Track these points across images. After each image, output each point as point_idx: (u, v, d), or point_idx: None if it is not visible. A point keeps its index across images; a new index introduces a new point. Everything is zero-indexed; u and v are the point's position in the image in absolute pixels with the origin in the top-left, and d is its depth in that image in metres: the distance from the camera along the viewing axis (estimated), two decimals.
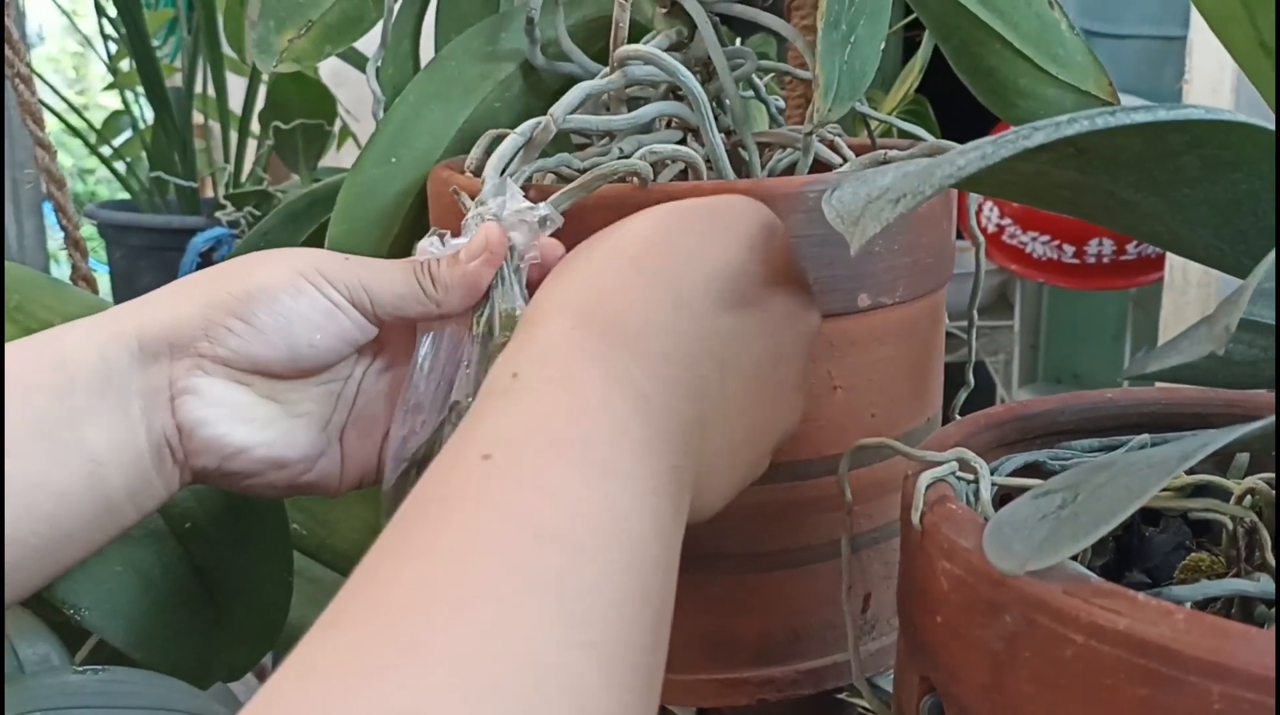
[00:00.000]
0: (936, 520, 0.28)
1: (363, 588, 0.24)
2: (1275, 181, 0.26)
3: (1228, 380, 0.28)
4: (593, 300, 0.31)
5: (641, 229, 0.34)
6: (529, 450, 0.26)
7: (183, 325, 0.35)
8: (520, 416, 0.27)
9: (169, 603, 0.47)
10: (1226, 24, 0.29)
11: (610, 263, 0.33)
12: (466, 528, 0.24)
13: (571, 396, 0.28)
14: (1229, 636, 0.22)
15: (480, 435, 0.27)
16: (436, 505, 0.26)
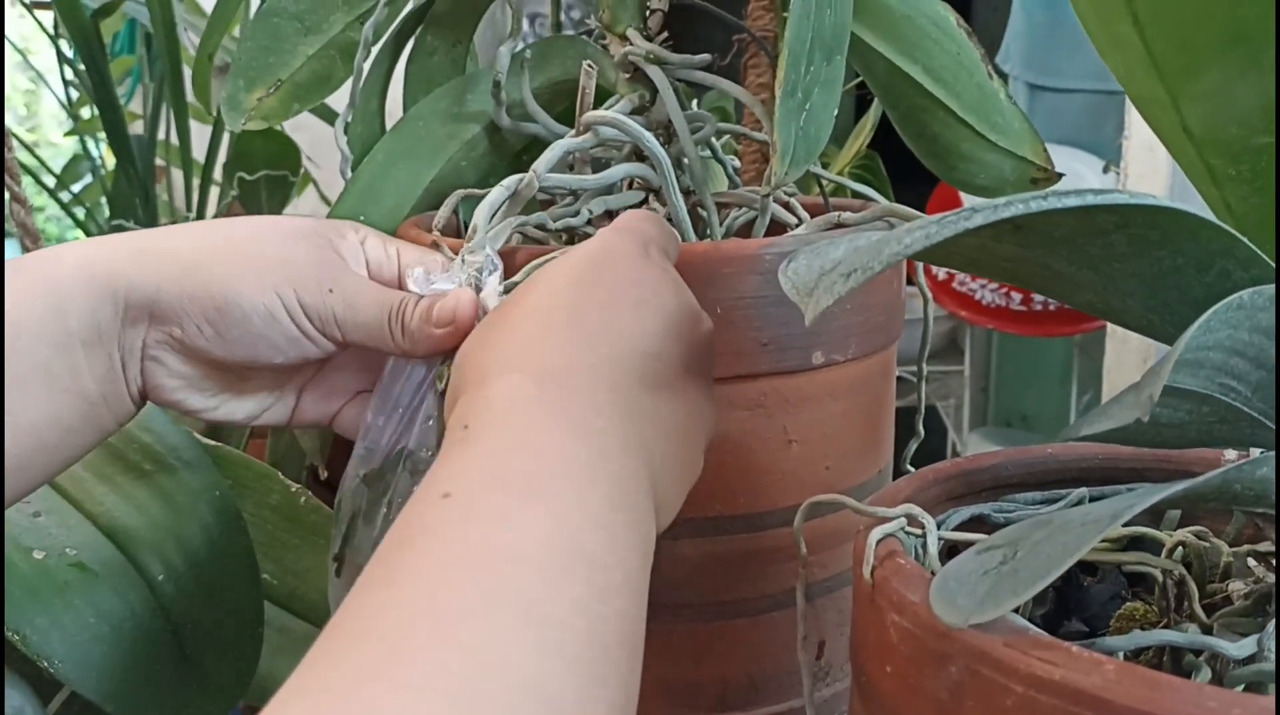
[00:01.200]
0: (886, 575, 0.30)
1: (350, 617, 0.25)
2: (1197, 259, 0.28)
3: (1156, 441, 0.30)
4: (527, 351, 0.34)
5: (562, 287, 0.36)
6: (478, 486, 0.29)
7: (163, 305, 0.39)
8: (472, 458, 0.30)
9: (140, 654, 0.47)
10: (1152, 108, 0.31)
11: (536, 318, 0.35)
12: (436, 556, 0.26)
13: (513, 436, 0.30)
14: (1157, 687, 0.23)
15: (439, 478, 0.29)
16: (407, 542, 0.27)
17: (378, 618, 0.25)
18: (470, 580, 0.25)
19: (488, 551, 0.26)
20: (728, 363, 0.43)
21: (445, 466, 0.30)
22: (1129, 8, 0.29)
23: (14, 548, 0.47)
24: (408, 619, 0.24)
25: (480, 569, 0.26)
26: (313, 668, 0.24)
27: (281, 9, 0.51)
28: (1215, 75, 0.28)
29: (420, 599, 0.25)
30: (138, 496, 0.51)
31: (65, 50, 1.13)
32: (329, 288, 0.40)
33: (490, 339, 0.35)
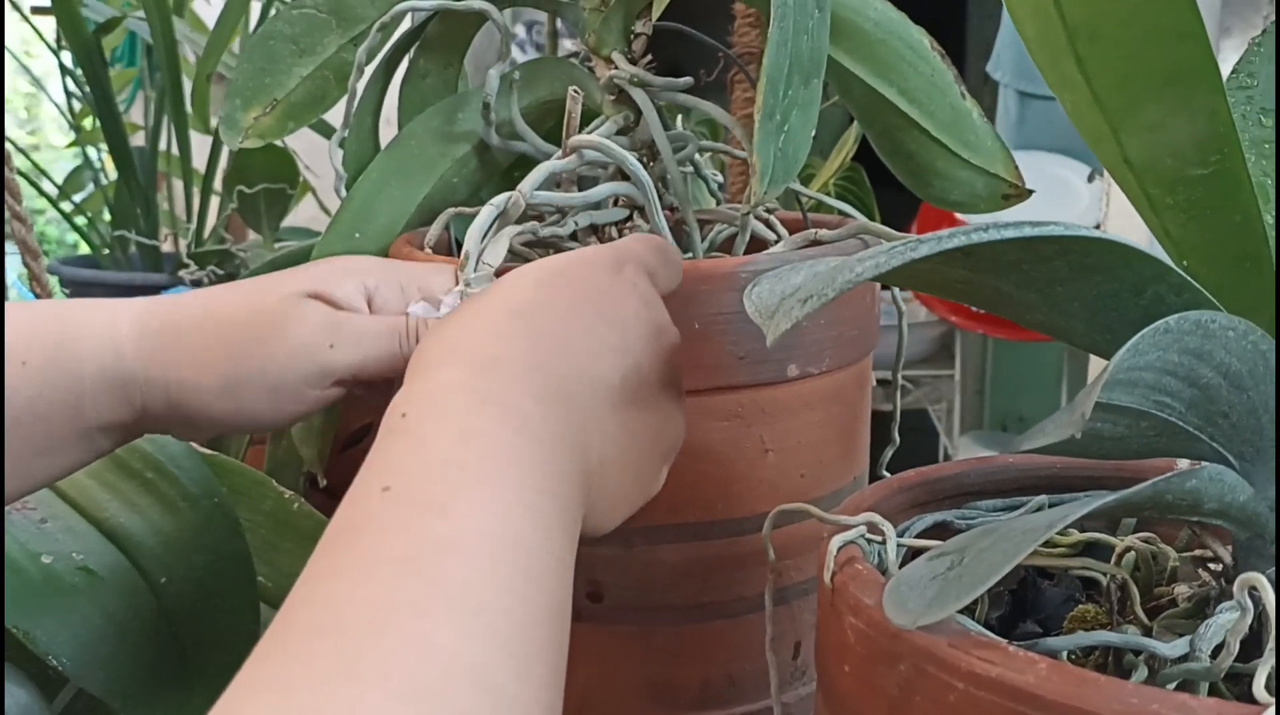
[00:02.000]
0: (845, 579, 0.31)
1: (293, 613, 0.27)
2: (1132, 284, 0.30)
3: (1101, 452, 0.32)
4: (473, 343, 0.35)
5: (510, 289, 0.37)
6: (420, 477, 0.30)
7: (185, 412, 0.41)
8: (409, 449, 0.31)
9: (143, 653, 0.49)
10: (1097, 140, 0.33)
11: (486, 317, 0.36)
12: (378, 549, 0.27)
13: (449, 424, 0.31)
14: (1084, 684, 0.25)
15: (378, 470, 0.30)
16: (348, 534, 0.28)
17: (326, 613, 0.26)
18: (412, 573, 0.27)
19: (426, 544, 0.27)
20: (706, 375, 0.45)
21: (384, 456, 0.31)
22: (1073, 49, 0.31)
23: (23, 553, 0.49)
24: (355, 614, 0.25)
25: (420, 562, 0.27)
26: (265, 662, 0.25)
27: (277, 32, 0.53)
28: (1151, 113, 0.30)
29: (366, 593, 0.26)
30: (140, 503, 0.53)
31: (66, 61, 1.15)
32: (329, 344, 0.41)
33: (440, 333, 0.36)
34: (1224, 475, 0.30)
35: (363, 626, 0.25)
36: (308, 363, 0.40)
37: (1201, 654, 0.30)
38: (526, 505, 0.30)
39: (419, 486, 0.29)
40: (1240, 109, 0.39)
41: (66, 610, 0.48)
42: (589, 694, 0.48)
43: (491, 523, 0.29)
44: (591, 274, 0.38)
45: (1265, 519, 0.31)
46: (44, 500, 0.52)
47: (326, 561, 0.28)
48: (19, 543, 0.49)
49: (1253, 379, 0.30)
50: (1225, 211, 0.31)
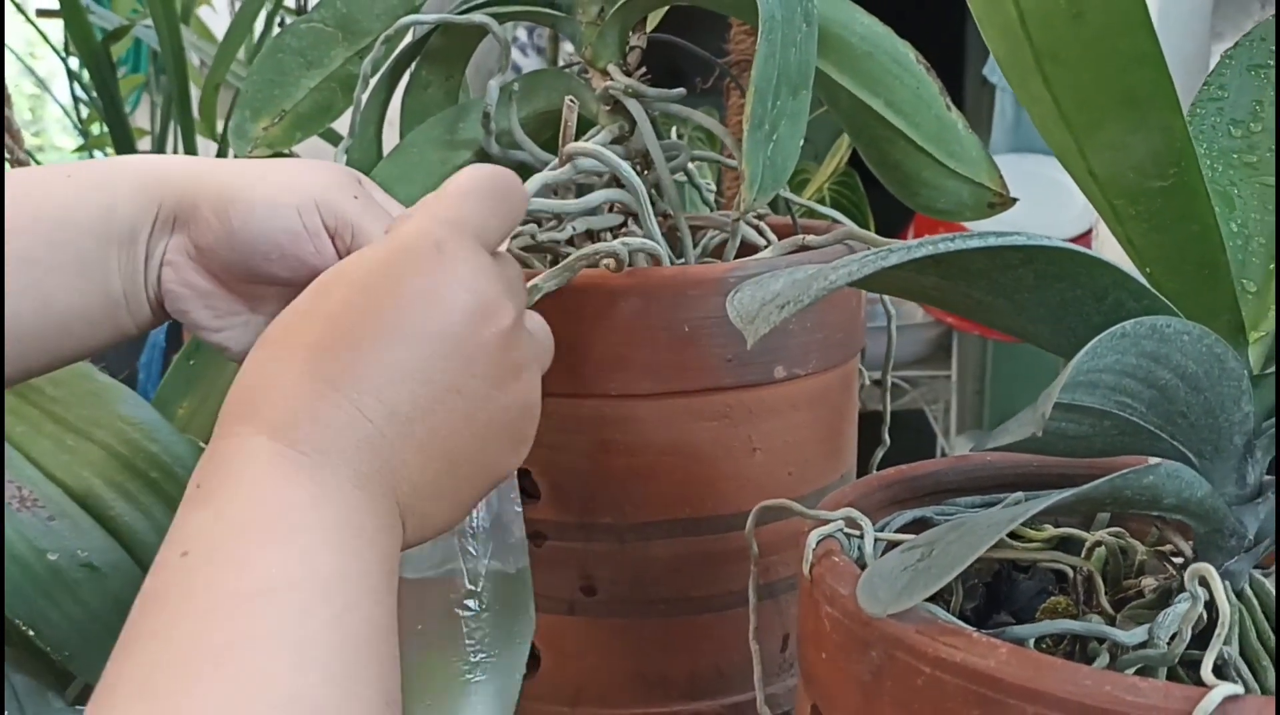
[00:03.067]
0: (822, 571, 0.33)
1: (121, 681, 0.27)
2: (1094, 291, 0.32)
3: (1069, 450, 0.34)
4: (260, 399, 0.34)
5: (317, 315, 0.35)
6: (218, 539, 0.30)
7: (186, 205, 0.41)
8: (205, 519, 0.31)
9: None
10: (1064, 155, 0.35)
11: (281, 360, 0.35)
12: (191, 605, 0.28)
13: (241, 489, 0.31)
14: (1041, 667, 0.27)
15: (176, 539, 0.30)
16: (153, 601, 0.29)
17: (149, 674, 0.27)
18: (225, 619, 0.28)
19: (235, 592, 0.28)
20: (696, 376, 0.47)
21: (181, 528, 0.31)
22: (1039, 69, 0.33)
23: (30, 550, 0.51)
24: (178, 667, 0.26)
25: (232, 608, 0.28)
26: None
27: (285, 45, 0.55)
28: (1113, 130, 0.32)
29: (185, 645, 0.27)
30: (144, 501, 0.55)
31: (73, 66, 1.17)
32: (353, 194, 0.41)
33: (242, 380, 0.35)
34: (1181, 472, 0.31)
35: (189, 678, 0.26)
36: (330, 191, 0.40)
37: (1159, 641, 0.31)
38: (333, 545, 0.31)
39: (218, 548, 0.30)
40: (1210, 119, 0.41)
41: (70, 605, 0.50)
42: (582, 684, 0.50)
43: (295, 566, 0.30)
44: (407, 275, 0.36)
45: (1223, 514, 0.33)
46: (52, 497, 0.54)
47: (136, 630, 0.29)
48: (27, 540, 0.51)
49: (1209, 381, 0.31)
50: (1184, 221, 0.33)
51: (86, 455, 0.54)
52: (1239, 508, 0.33)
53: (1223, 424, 0.33)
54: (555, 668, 0.50)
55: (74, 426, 0.55)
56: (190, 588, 0.29)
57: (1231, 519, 0.33)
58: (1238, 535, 0.33)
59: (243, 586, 0.29)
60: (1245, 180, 0.39)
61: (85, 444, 0.54)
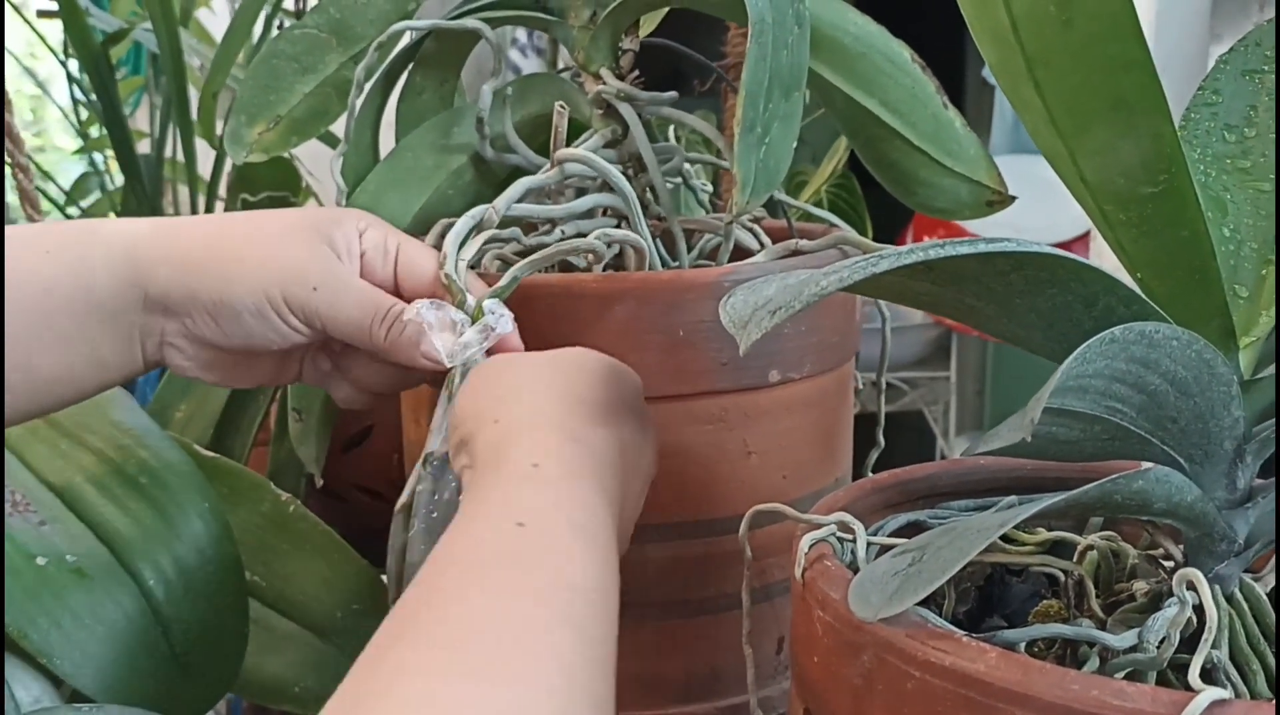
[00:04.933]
0: (814, 575, 0.33)
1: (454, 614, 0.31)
2: (1083, 296, 0.32)
3: (1058, 455, 0.34)
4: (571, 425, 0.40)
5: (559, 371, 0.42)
6: (551, 524, 0.35)
7: (173, 301, 0.44)
8: (542, 500, 0.36)
9: (133, 651, 0.51)
10: (1056, 160, 0.35)
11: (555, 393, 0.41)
12: (523, 580, 0.32)
13: (575, 491, 0.37)
14: (1029, 671, 0.27)
15: (513, 506, 0.35)
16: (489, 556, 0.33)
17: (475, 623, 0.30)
18: (548, 603, 0.32)
19: (560, 581, 0.33)
20: (691, 380, 0.47)
21: (518, 499, 0.36)
22: (1031, 75, 0.33)
23: (19, 554, 0.51)
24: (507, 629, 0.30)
25: (557, 595, 0.32)
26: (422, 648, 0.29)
27: (280, 51, 0.55)
28: (1102, 135, 0.32)
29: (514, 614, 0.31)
30: (134, 508, 0.54)
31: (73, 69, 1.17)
32: (313, 286, 0.44)
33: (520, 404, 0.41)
34: (1170, 476, 0.31)
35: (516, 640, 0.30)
36: (292, 287, 0.44)
37: (1149, 645, 0.31)
38: (613, 568, 0.36)
39: (552, 533, 0.35)
40: (1204, 124, 0.41)
41: (58, 610, 0.49)
42: None
43: (601, 576, 0.35)
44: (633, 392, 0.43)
45: (1212, 518, 0.33)
46: (43, 502, 0.54)
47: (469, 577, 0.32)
48: (17, 544, 0.51)
49: (1198, 386, 0.31)
50: (1174, 227, 0.33)
51: (79, 460, 0.54)
52: (1229, 512, 0.34)
53: (1212, 429, 0.33)
54: None
55: (68, 431, 0.55)
56: (525, 561, 0.33)
57: (1221, 523, 0.33)
58: (1227, 540, 0.33)
59: (565, 577, 0.33)
60: (1238, 185, 0.40)
61: (78, 449, 0.54)
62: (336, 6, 0.55)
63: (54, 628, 0.48)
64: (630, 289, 0.46)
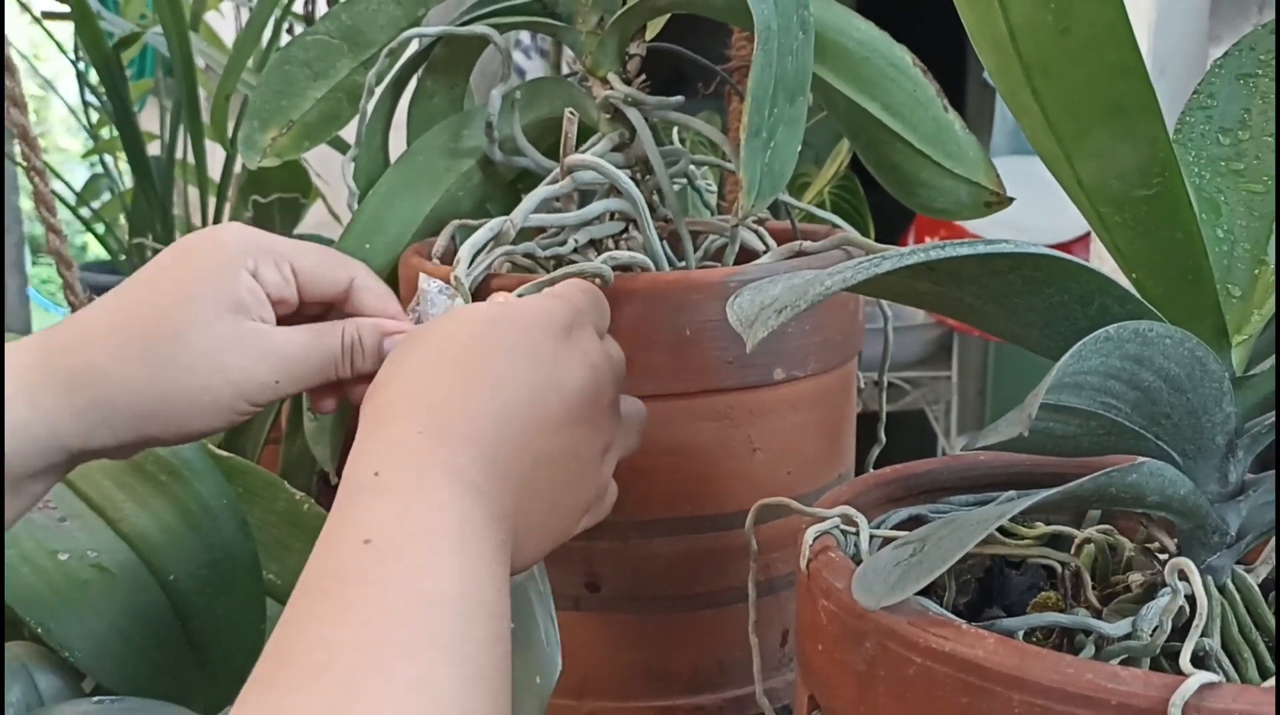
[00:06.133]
0: (819, 566, 0.34)
1: (288, 654, 0.29)
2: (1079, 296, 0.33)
3: (1055, 450, 0.35)
4: (432, 406, 0.37)
5: (460, 337, 0.39)
6: (400, 537, 0.32)
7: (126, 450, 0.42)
8: (387, 510, 0.33)
9: (152, 646, 0.52)
10: (1053, 163, 0.36)
11: (439, 369, 0.38)
12: (369, 598, 0.30)
13: (426, 493, 0.34)
14: (1025, 656, 0.28)
15: (357, 523, 0.32)
16: (333, 581, 0.31)
17: (326, 654, 0.28)
18: (406, 623, 0.29)
19: (416, 597, 0.30)
20: (697, 378, 0.48)
21: (361, 513, 0.33)
22: (1028, 82, 0.34)
23: (40, 550, 0.52)
24: (356, 656, 0.28)
25: (412, 613, 0.30)
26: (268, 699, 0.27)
27: (293, 57, 0.56)
28: (1099, 139, 0.33)
29: (364, 637, 0.29)
30: (153, 504, 0.55)
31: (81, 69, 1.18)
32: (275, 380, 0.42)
33: (394, 382, 0.38)
34: (1164, 470, 0.32)
35: (365, 667, 0.28)
36: (255, 397, 0.42)
37: (1142, 633, 0.32)
38: (488, 572, 0.33)
39: (401, 545, 0.32)
40: (1199, 127, 0.42)
41: (80, 606, 0.50)
42: (587, 679, 0.51)
43: (465, 585, 0.32)
44: (543, 338, 0.40)
45: (1205, 511, 0.34)
46: (64, 499, 0.55)
47: (315, 606, 0.30)
48: (38, 540, 0.52)
49: (1190, 382, 0.32)
50: (1168, 228, 0.34)
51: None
52: (1221, 505, 0.35)
53: (1205, 424, 0.34)
54: (561, 662, 0.51)
55: None
56: (372, 577, 0.30)
57: (1214, 516, 0.34)
58: (1220, 532, 0.34)
59: (421, 591, 0.30)
60: (1232, 188, 0.41)
61: None
62: (348, 13, 0.56)
63: (75, 622, 0.49)
64: (638, 289, 0.47)
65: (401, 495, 0.33)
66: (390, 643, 0.29)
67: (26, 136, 0.65)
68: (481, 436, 0.36)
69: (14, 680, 0.45)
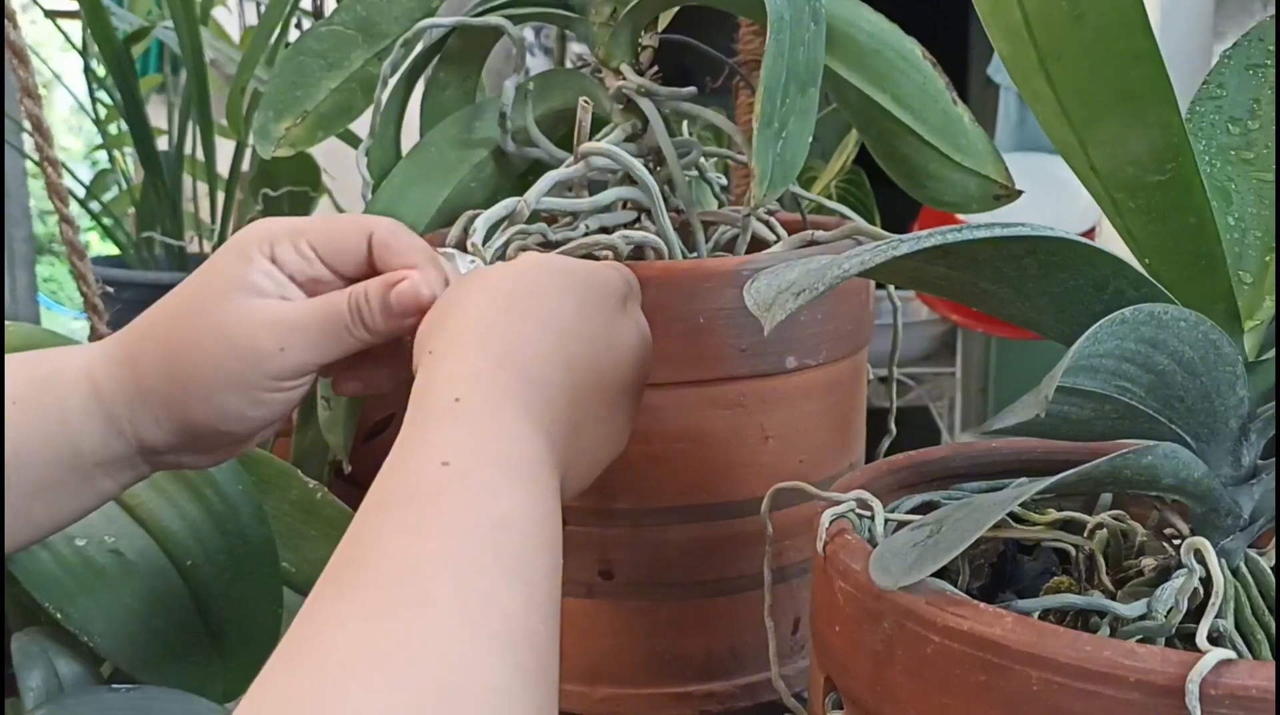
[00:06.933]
0: (836, 548, 0.35)
1: (366, 559, 0.30)
2: (1094, 280, 0.33)
3: (1069, 434, 0.35)
4: (506, 344, 0.38)
5: (530, 279, 0.41)
6: (474, 462, 0.33)
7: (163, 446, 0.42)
8: (466, 435, 0.34)
9: (171, 631, 0.52)
10: (1066, 150, 0.36)
11: (510, 308, 0.39)
12: (443, 514, 0.31)
13: (502, 423, 0.35)
14: (1042, 634, 0.28)
15: (435, 445, 0.34)
16: (411, 497, 0.32)
17: (403, 562, 0.29)
18: (478, 542, 0.31)
19: (489, 519, 0.31)
20: (710, 366, 0.48)
21: (439, 436, 0.34)
22: (1043, 68, 0.34)
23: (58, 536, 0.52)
24: (432, 566, 0.29)
25: (484, 533, 0.31)
26: (344, 598, 0.29)
27: (307, 48, 0.56)
28: (1112, 125, 0.33)
29: (439, 549, 0.30)
30: (170, 490, 0.56)
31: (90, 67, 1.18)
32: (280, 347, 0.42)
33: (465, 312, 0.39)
34: (1178, 453, 0.33)
35: (440, 576, 0.29)
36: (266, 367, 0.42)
37: (1157, 614, 0.33)
38: (551, 505, 0.35)
39: (477, 469, 0.33)
40: (1209, 117, 0.42)
41: (99, 591, 0.51)
42: (600, 665, 0.52)
43: (535, 513, 0.33)
44: (607, 300, 0.42)
45: (1219, 494, 0.34)
46: None
47: (390, 520, 0.31)
48: None
49: (1204, 366, 0.33)
50: (1180, 214, 0.34)
51: None
52: (1234, 489, 0.35)
53: (1218, 408, 0.34)
54: (575, 649, 0.52)
55: None
56: (448, 496, 0.32)
57: (1227, 499, 0.35)
58: (1233, 515, 0.35)
59: (494, 514, 0.32)
60: (1242, 176, 0.41)
61: None
62: (363, 4, 0.56)
63: (94, 607, 0.49)
64: (652, 277, 0.48)
65: (481, 422, 0.35)
66: (463, 557, 0.30)
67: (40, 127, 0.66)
68: (548, 381, 0.38)
69: (34, 666, 0.46)
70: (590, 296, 0.41)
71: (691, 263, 0.48)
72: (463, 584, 0.29)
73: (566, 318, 0.40)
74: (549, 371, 0.38)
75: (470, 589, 0.29)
